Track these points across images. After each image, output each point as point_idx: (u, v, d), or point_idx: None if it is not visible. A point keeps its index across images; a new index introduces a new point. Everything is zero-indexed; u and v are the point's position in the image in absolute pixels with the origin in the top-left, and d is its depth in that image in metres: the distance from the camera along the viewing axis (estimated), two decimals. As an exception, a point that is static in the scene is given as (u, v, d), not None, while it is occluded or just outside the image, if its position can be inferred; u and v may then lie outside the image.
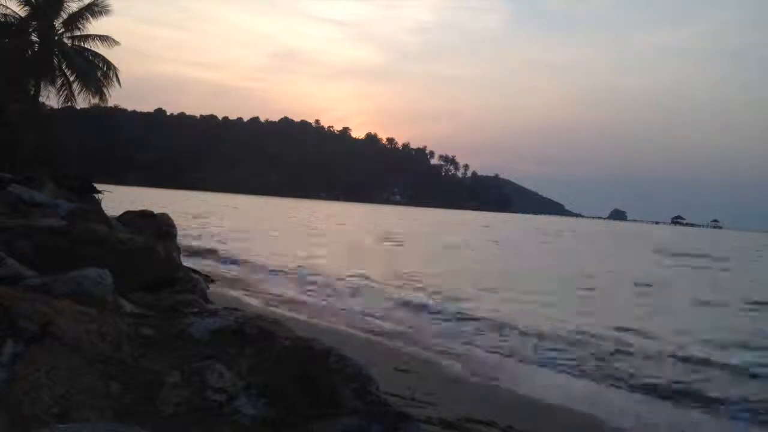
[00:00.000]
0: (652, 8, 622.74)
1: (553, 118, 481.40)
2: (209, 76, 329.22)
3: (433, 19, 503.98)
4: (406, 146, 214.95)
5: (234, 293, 12.87)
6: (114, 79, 29.74)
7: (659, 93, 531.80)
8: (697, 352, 10.52)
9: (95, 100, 29.54)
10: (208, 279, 11.51)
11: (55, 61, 29.03)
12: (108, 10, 29.05)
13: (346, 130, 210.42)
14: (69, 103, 29.52)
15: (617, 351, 10.27)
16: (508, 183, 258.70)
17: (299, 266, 19.11)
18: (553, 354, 9.88)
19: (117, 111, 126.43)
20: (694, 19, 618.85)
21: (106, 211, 9.08)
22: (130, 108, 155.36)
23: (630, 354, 10.12)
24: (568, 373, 8.93)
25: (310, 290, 15.17)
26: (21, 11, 28.52)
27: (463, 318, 12.45)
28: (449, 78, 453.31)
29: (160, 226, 9.52)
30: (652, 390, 8.24)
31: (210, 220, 42.13)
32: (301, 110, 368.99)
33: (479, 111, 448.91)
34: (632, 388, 8.29)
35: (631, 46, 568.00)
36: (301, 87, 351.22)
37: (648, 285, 21.35)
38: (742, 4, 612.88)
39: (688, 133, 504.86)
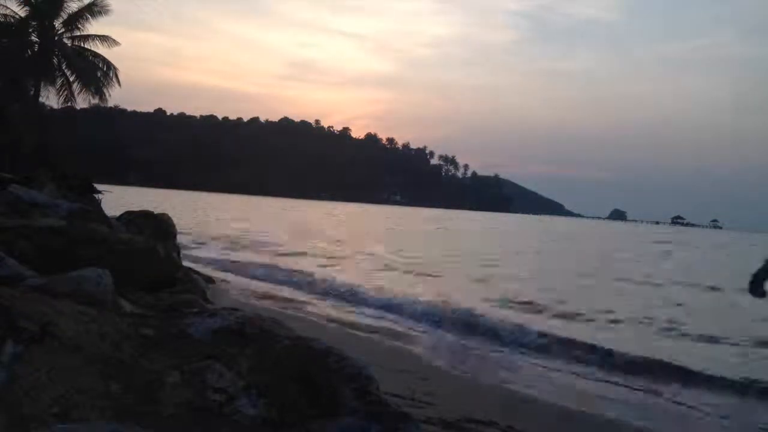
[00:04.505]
0: (653, 23, 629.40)
1: (554, 118, 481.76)
2: (220, 83, 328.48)
3: (445, 32, 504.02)
4: (406, 146, 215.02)
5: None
6: (114, 79, 29.80)
7: (659, 95, 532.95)
8: None
9: (95, 100, 29.59)
10: (209, 279, 11.52)
11: (55, 61, 29.06)
12: (108, 10, 29.10)
13: (346, 130, 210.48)
14: (69, 103, 29.56)
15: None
16: (508, 183, 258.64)
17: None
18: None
19: (117, 111, 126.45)
20: (695, 34, 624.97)
21: (106, 211, 9.10)
22: (130, 108, 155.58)
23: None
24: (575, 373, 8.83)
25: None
26: (21, 11, 28.57)
27: None
28: (452, 85, 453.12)
29: (160, 226, 9.55)
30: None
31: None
32: (303, 114, 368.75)
33: (480, 113, 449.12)
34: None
35: (632, 57, 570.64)
36: (307, 94, 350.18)
37: None
38: (741, 21, 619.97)
39: (687, 133, 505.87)
